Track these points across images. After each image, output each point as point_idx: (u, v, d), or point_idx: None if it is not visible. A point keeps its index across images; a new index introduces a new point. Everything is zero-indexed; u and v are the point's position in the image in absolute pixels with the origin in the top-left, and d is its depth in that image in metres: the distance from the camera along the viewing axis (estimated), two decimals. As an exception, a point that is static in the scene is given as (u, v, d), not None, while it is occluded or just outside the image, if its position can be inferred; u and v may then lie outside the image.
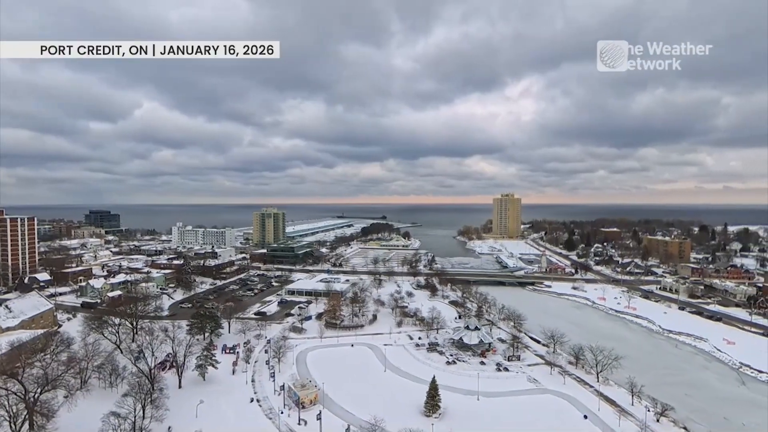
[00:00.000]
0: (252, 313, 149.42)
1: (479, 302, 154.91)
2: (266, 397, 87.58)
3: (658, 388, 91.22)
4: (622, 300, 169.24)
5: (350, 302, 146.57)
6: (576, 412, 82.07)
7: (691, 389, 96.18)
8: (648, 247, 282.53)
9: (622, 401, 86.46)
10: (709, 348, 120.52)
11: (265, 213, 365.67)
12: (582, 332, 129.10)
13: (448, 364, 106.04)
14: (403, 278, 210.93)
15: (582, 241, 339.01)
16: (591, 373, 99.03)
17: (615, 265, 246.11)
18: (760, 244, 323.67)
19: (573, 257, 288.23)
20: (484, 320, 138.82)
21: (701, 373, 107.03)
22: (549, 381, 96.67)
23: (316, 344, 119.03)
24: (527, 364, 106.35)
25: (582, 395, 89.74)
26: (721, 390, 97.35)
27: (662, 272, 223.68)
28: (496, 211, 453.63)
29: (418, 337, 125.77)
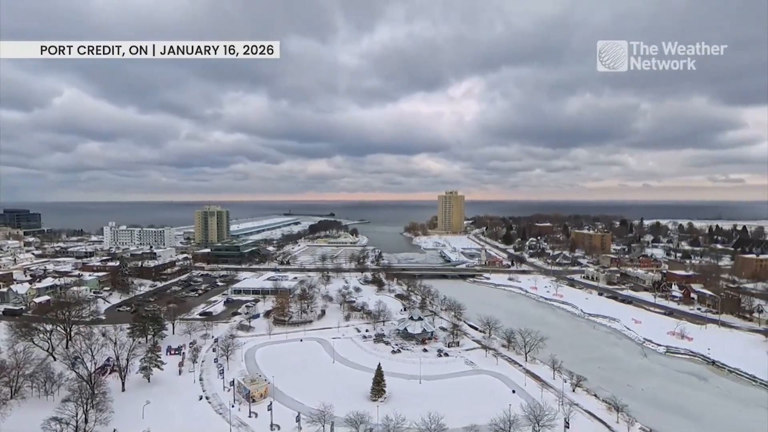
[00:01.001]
0: (197, 313, 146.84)
1: (423, 295, 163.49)
2: (215, 394, 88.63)
3: (576, 364, 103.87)
4: (551, 288, 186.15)
5: (298, 299, 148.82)
6: (506, 388, 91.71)
7: (602, 363, 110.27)
8: (575, 240, 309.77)
9: (545, 376, 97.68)
10: (620, 327, 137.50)
11: (208, 211, 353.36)
12: (515, 318, 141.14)
13: (394, 353, 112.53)
14: (351, 274, 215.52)
15: (519, 235, 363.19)
16: (520, 353, 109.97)
17: (547, 257, 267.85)
18: (668, 236, 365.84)
19: (510, 250, 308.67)
20: (428, 311, 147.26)
21: (612, 348, 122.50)
22: (484, 363, 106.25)
23: (265, 341, 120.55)
24: (465, 349, 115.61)
25: (512, 373, 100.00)
26: (627, 362, 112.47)
27: (587, 262, 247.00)
28: (441, 207, 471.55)
29: (365, 329, 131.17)
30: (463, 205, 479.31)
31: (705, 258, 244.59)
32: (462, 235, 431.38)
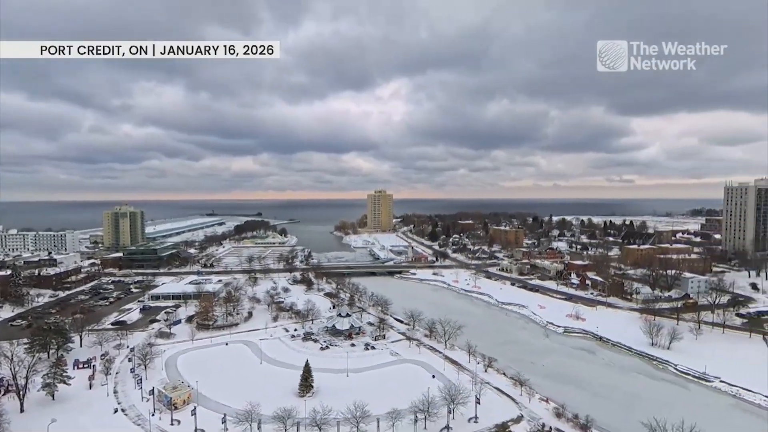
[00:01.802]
0: (109, 323, 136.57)
1: (352, 292, 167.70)
2: (133, 406, 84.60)
3: (490, 347, 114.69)
4: (470, 281, 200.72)
5: (224, 302, 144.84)
6: (427, 374, 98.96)
7: (512, 345, 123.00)
8: (493, 235, 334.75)
9: (462, 360, 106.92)
10: (527, 313, 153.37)
11: (119, 212, 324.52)
12: (437, 310, 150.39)
13: (322, 350, 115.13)
14: (279, 275, 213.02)
15: (444, 232, 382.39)
16: (441, 342, 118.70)
17: (468, 252, 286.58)
18: (572, 231, 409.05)
19: (436, 247, 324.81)
20: (356, 308, 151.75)
21: (520, 332, 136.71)
22: (408, 353, 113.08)
23: (188, 347, 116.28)
24: (391, 341, 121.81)
25: (433, 360, 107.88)
26: (532, 343, 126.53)
27: (503, 256, 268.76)
28: (371, 206, 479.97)
29: (294, 329, 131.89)
30: (392, 203, 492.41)
31: (599, 249, 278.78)
32: (391, 233, 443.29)
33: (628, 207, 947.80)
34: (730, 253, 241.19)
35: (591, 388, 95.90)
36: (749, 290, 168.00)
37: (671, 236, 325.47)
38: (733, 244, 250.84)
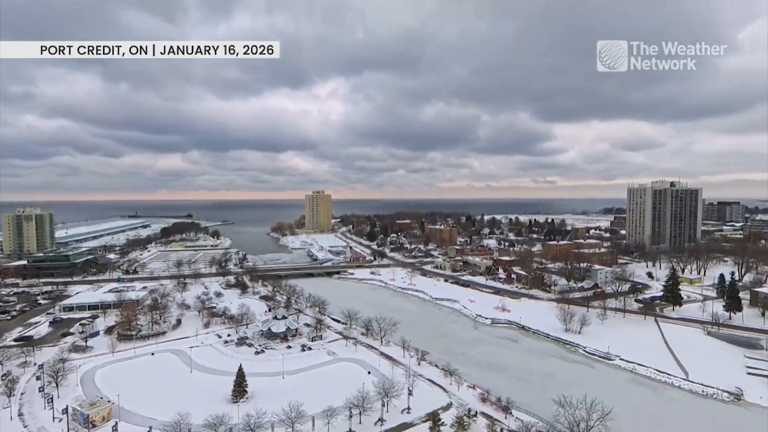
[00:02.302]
0: (11, 339, 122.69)
1: (288, 294, 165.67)
2: (43, 428, 77.52)
3: (423, 341, 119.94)
4: (406, 279, 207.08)
5: (149, 310, 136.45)
6: (363, 370, 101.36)
7: (443, 338, 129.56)
8: (429, 234, 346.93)
9: (396, 355, 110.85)
10: (458, 307, 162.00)
11: (23, 214, 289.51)
12: (375, 308, 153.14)
13: (257, 354, 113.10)
14: (211, 279, 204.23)
15: (382, 232, 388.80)
16: (377, 339, 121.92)
17: (405, 251, 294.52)
18: (501, 229, 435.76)
19: (374, 246, 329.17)
20: (293, 309, 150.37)
21: (452, 325, 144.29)
22: (345, 351, 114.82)
23: (108, 360, 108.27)
24: (328, 341, 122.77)
25: (369, 357, 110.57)
26: (463, 335, 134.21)
27: (438, 254, 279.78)
28: (309, 207, 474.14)
29: (227, 334, 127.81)
30: (331, 204, 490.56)
31: (524, 246, 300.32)
32: (330, 233, 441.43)
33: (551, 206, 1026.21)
34: (632, 246, 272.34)
35: (513, 373, 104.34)
36: (646, 279, 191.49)
37: (585, 233, 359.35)
38: (635, 239, 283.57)
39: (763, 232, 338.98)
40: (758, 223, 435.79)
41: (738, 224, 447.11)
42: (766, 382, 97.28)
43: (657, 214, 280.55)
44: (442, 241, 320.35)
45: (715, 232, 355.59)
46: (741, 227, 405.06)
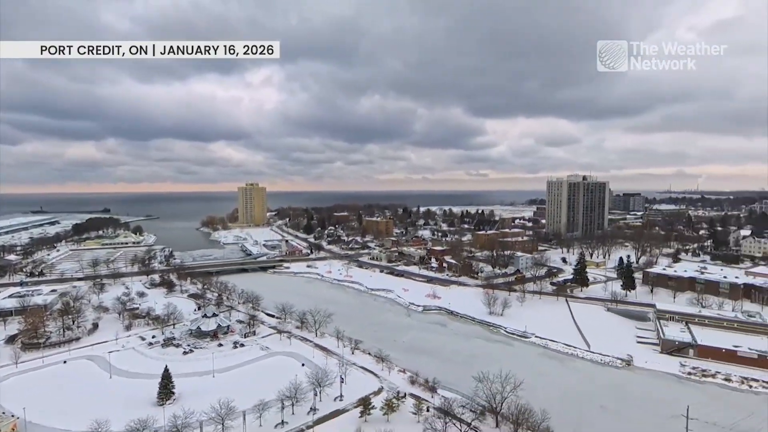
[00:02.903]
0: None
1: (220, 291, 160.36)
2: (-71, 451, 69.25)
3: (358, 331, 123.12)
4: (343, 271, 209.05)
5: (59, 315, 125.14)
6: (297, 363, 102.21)
7: (378, 326, 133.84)
8: (366, 226, 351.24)
9: (331, 346, 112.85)
10: (393, 296, 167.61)
11: None
12: (311, 301, 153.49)
13: (186, 354, 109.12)
14: (133, 279, 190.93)
15: (319, 225, 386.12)
16: (312, 331, 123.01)
17: (342, 243, 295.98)
18: (435, 220, 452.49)
19: (311, 239, 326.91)
20: (224, 307, 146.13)
21: (386, 314, 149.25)
22: (279, 345, 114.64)
23: (10, 372, 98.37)
24: (262, 336, 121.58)
25: (304, 350, 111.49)
26: (396, 322, 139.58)
27: (374, 245, 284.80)
28: (242, 199, 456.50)
29: (152, 336, 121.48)
30: (265, 196, 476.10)
31: (456, 236, 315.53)
32: (265, 227, 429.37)
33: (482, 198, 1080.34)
34: (550, 234, 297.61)
35: (441, 355, 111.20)
36: (560, 263, 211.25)
37: (511, 222, 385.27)
38: (553, 228, 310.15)
39: (657, 220, 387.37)
40: (654, 213, 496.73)
41: (639, 213, 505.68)
42: (651, 348, 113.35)
43: (571, 205, 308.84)
44: (379, 232, 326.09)
45: (620, 220, 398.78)
46: (641, 216, 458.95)
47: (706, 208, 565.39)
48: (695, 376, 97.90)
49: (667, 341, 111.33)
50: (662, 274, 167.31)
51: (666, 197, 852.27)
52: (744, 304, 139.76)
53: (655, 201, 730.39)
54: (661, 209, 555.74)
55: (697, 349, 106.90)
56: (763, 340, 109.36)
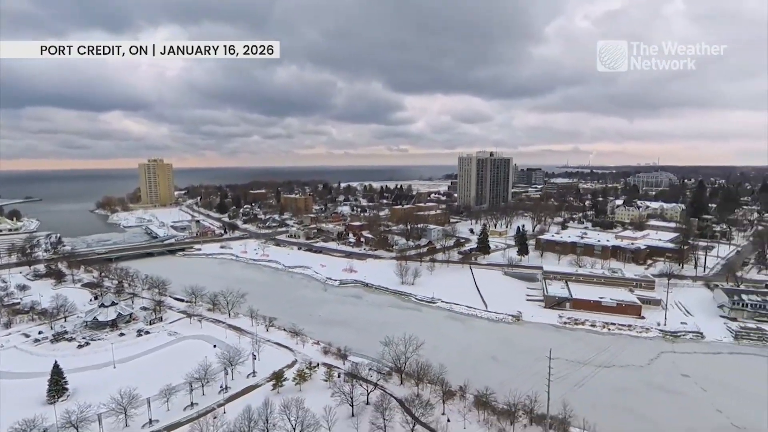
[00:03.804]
0: None
1: (120, 278, 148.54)
2: None
3: (274, 308, 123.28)
4: (259, 250, 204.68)
5: None
6: (208, 345, 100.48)
7: (294, 302, 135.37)
8: (284, 204, 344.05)
9: (245, 325, 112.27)
10: (310, 273, 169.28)
11: None
12: (224, 282, 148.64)
13: (80, 347, 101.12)
14: (11, 270, 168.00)
15: (234, 203, 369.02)
16: (225, 312, 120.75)
17: (259, 222, 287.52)
18: (356, 196, 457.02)
19: (225, 219, 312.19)
20: (126, 294, 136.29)
21: (303, 290, 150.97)
22: (188, 329, 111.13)
23: None
24: (169, 322, 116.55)
25: (216, 332, 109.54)
26: (313, 298, 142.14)
27: (293, 223, 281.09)
28: (144, 177, 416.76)
29: (38, 332, 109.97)
30: (172, 173, 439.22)
31: (374, 211, 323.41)
32: (173, 207, 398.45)
33: (403, 173, 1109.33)
34: (461, 207, 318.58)
35: (355, 325, 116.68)
36: (468, 234, 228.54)
37: (427, 197, 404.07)
38: (464, 201, 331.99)
39: (553, 192, 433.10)
40: (551, 186, 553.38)
41: (539, 186, 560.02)
42: (537, 305, 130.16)
43: (480, 179, 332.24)
44: (298, 210, 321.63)
45: (522, 193, 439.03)
46: (540, 189, 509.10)
47: (594, 181, 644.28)
48: (569, 325, 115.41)
49: (549, 297, 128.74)
50: (550, 240, 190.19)
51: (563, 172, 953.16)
52: (612, 263, 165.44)
53: (554, 175, 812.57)
54: (557, 182, 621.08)
55: (572, 303, 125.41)
56: (622, 291, 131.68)
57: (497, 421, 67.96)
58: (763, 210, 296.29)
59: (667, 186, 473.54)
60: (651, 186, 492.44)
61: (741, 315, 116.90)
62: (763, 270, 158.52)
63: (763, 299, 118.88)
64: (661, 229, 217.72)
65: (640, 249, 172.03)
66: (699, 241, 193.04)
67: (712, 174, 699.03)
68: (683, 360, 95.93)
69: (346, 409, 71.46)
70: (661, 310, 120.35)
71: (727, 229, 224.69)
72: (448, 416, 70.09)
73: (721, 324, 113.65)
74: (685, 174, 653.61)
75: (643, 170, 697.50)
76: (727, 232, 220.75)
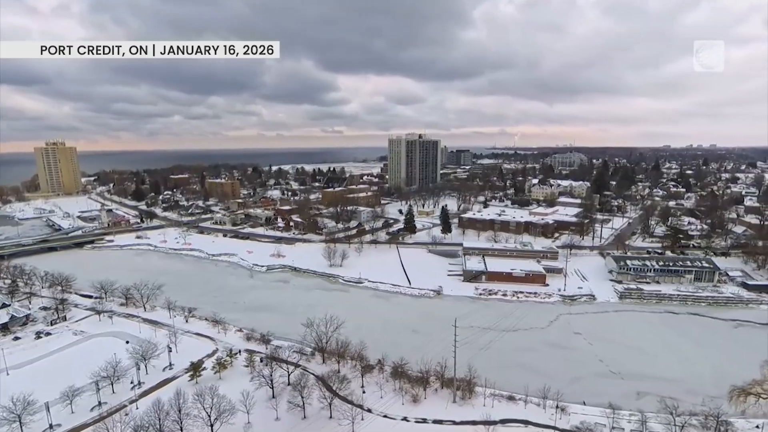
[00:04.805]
0: None
1: (13, 276, 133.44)
2: None
3: (195, 298, 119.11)
4: (180, 239, 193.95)
5: None
6: (120, 341, 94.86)
7: (218, 291, 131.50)
8: (209, 189, 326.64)
9: (162, 318, 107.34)
10: (236, 260, 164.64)
11: None
12: (141, 275, 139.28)
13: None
14: None
15: (153, 189, 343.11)
16: (140, 306, 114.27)
17: (181, 209, 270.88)
18: (287, 179, 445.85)
19: (142, 207, 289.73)
20: (21, 294, 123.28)
21: (228, 278, 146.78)
22: (97, 327, 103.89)
23: None
24: (75, 321, 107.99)
25: (129, 327, 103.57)
26: (238, 285, 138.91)
27: (219, 209, 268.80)
28: (42, 163, 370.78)
29: None
30: (76, 158, 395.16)
31: (305, 194, 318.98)
32: (81, 195, 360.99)
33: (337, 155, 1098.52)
34: (392, 189, 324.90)
35: (281, 309, 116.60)
36: (397, 215, 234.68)
37: (360, 179, 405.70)
38: (395, 182, 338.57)
39: (479, 173, 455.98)
40: (478, 167, 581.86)
41: (467, 167, 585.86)
42: (457, 279, 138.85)
43: (410, 161, 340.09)
44: (224, 195, 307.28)
45: (451, 174, 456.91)
46: (468, 170, 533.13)
47: (517, 162, 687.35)
48: (484, 296, 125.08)
49: (467, 271, 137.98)
50: (472, 218, 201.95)
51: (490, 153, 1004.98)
52: (524, 237, 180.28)
53: (482, 156, 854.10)
54: (484, 163, 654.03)
55: (488, 275, 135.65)
56: (531, 263, 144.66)
57: (411, 388, 72.98)
58: (653, 186, 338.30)
59: (578, 166, 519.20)
60: (565, 166, 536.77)
61: (626, 278, 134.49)
62: (647, 238, 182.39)
63: (643, 263, 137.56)
64: (569, 205, 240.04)
65: (548, 224, 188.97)
66: (599, 215, 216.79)
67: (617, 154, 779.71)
68: (577, 320, 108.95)
69: (266, 392, 72.36)
70: (563, 277, 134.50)
71: (622, 204, 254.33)
72: (363, 388, 73.91)
73: (610, 286, 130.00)
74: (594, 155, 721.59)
75: (559, 151, 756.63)
76: (623, 206, 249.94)
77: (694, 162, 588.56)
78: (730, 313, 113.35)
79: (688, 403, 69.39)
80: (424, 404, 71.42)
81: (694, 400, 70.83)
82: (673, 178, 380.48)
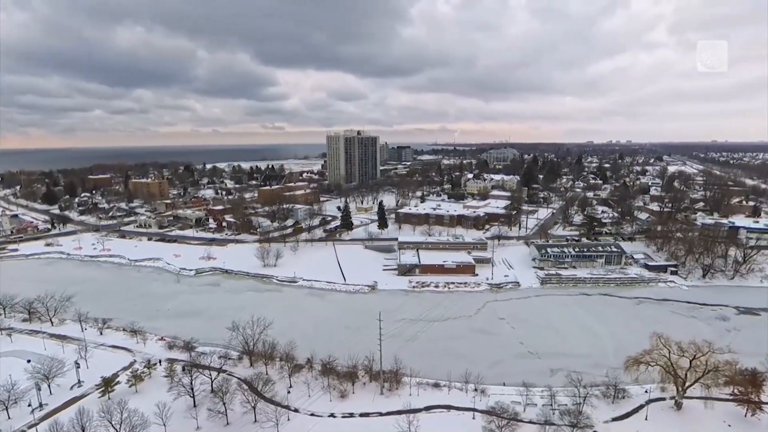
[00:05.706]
0: None
1: None
2: None
3: (112, 308, 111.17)
4: (98, 245, 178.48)
5: None
6: (21, 361, 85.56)
7: (141, 299, 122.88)
8: (134, 190, 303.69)
9: (72, 332, 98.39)
10: (161, 264, 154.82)
11: None
12: (49, 286, 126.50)
13: None
14: None
15: (68, 191, 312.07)
16: (46, 321, 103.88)
17: (101, 212, 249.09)
18: (222, 178, 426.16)
19: (55, 211, 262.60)
20: None
21: (152, 284, 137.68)
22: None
23: None
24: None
25: (32, 344, 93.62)
26: (163, 291, 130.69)
27: (144, 211, 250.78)
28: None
29: None
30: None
31: (240, 193, 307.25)
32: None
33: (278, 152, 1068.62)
34: (332, 186, 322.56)
35: (209, 314, 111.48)
36: (336, 212, 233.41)
37: (299, 176, 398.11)
38: (334, 179, 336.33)
39: (419, 168, 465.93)
40: (418, 162, 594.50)
41: (407, 163, 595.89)
42: (392, 273, 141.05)
43: (349, 158, 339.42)
44: (151, 196, 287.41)
45: (392, 170, 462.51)
46: (408, 166, 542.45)
47: (456, 158, 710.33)
48: (417, 288, 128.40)
49: (402, 265, 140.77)
50: (408, 213, 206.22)
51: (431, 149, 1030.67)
52: (457, 230, 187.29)
53: (422, 152, 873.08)
54: (424, 159, 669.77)
55: (421, 268, 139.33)
56: (462, 254, 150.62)
57: (339, 384, 73.24)
58: (575, 179, 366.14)
59: (511, 161, 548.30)
60: (499, 161, 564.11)
61: (547, 264, 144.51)
62: (567, 227, 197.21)
63: (561, 250, 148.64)
64: (501, 198, 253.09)
65: (480, 216, 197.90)
66: (527, 206, 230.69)
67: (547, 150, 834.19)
68: (502, 306, 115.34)
69: (187, 402, 69.06)
70: (491, 266, 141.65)
71: (548, 196, 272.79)
72: (291, 388, 73.12)
73: (533, 273, 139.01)
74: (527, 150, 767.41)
75: (495, 147, 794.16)
76: (548, 197, 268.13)
77: (612, 156, 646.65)
78: (634, 291, 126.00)
79: (593, 375, 76.51)
80: (352, 399, 72.06)
81: (599, 372, 78.25)
82: (593, 171, 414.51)
